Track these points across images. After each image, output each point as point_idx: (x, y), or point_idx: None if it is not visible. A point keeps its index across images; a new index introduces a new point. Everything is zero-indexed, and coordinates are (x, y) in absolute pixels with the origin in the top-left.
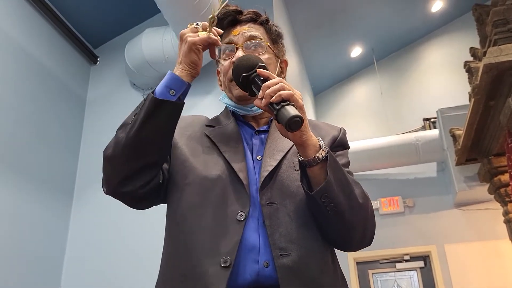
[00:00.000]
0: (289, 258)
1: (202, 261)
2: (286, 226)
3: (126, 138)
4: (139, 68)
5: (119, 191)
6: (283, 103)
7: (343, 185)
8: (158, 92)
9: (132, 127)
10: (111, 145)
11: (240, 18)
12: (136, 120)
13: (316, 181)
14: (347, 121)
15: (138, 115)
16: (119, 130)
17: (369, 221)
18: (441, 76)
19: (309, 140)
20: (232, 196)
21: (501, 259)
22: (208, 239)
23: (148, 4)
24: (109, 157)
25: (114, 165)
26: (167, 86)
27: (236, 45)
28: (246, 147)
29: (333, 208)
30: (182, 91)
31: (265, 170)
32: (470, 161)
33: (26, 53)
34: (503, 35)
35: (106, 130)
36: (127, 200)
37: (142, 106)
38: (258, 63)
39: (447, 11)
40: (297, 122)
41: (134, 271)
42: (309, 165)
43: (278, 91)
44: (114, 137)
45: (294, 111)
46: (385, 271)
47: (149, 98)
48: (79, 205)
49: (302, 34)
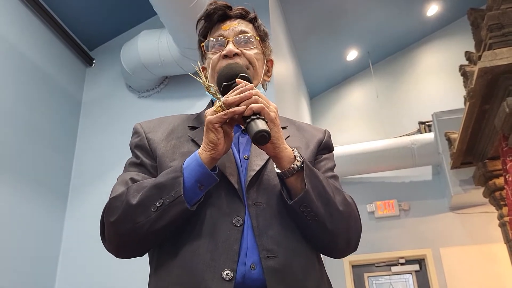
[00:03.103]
0: (276, 260)
1: (204, 275)
2: (273, 227)
3: (149, 229)
4: (135, 70)
5: (134, 256)
6: (253, 116)
7: (321, 193)
8: (188, 187)
9: (157, 222)
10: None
11: (230, 14)
12: (162, 217)
13: (294, 192)
14: (343, 124)
15: (166, 212)
16: (138, 210)
17: (352, 228)
18: (437, 79)
19: (282, 152)
20: (225, 201)
21: (496, 263)
22: (207, 249)
23: (144, 7)
24: (123, 234)
25: (128, 243)
26: (197, 181)
27: (227, 39)
28: (233, 146)
29: (313, 217)
30: (211, 186)
31: (251, 170)
32: (465, 165)
33: (22, 55)
34: (498, 39)
35: (101, 132)
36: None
37: (170, 203)
38: (240, 73)
39: (442, 15)
40: (263, 136)
41: (129, 272)
42: (285, 176)
43: (250, 103)
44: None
45: (262, 126)
46: (380, 275)
47: (180, 202)
48: (74, 206)
49: (298, 37)
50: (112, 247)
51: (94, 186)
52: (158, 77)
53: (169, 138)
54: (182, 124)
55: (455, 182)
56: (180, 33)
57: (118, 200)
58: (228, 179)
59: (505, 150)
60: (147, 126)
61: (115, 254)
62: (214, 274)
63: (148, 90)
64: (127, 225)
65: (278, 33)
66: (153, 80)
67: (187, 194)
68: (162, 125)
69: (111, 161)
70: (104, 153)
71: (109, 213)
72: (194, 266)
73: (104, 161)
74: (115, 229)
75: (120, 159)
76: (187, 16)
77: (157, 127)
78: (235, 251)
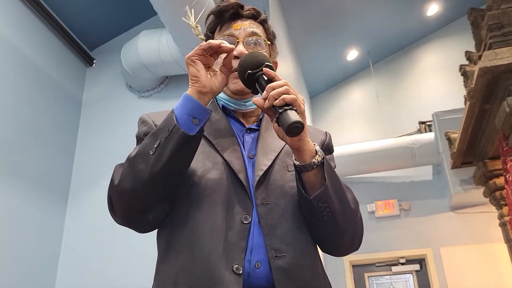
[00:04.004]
0: (284, 260)
1: (217, 264)
2: (281, 226)
3: (151, 172)
4: (135, 70)
5: (138, 222)
6: (285, 107)
7: (338, 190)
8: (182, 122)
9: (157, 161)
10: (126, 177)
11: (241, 13)
12: (162, 154)
13: (310, 186)
14: (343, 124)
15: (164, 148)
16: (137, 160)
17: (358, 226)
18: (437, 79)
19: (305, 145)
20: (233, 198)
21: (496, 262)
22: (219, 240)
23: (144, 6)
24: (128, 190)
25: (134, 198)
26: (189, 115)
27: (237, 39)
28: (240, 144)
29: (328, 213)
30: (206, 120)
31: (259, 169)
32: (465, 165)
33: (22, 55)
34: (498, 39)
35: (101, 132)
36: (144, 228)
37: (167, 138)
38: (265, 62)
39: (442, 15)
40: (297, 128)
41: (129, 272)
42: (304, 170)
43: (282, 94)
44: (129, 167)
45: (295, 117)
46: (381, 274)
47: (176, 131)
48: (74, 206)
49: (298, 37)
50: (120, 212)
51: (94, 186)
52: (159, 77)
53: None
54: None
55: (455, 182)
56: (181, 33)
57: (121, 166)
58: (237, 176)
59: (505, 149)
60: (153, 116)
61: (126, 221)
62: (227, 265)
63: (149, 90)
64: (130, 178)
65: (278, 32)
66: (153, 80)
67: (181, 126)
68: None
69: (111, 160)
70: (104, 152)
71: (113, 178)
72: (206, 256)
73: (105, 160)
74: (120, 189)
75: (121, 158)
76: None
77: (163, 117)
78: (242, 248)
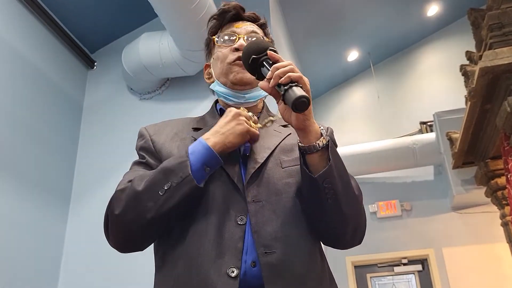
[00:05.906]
0: (273, 256)
1: (209, 271)
2: (271, 223)
3: (158, 211)
4: (136, 72)
5: (137, 249)
6: (291, 83)
7: (342, 173)
8: (195, 170)
9: (166, 202)
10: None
11: (242, 15)
12: (171, 197)
13: (314, 169)
14: (344, 125)
15: (174, 193)
16: (145, 196)
17: (362, 217)
18: (438, 79)
19: (311, 126)
20: (229, 200)
21: (499, 262)
22: (212, 246)
23: (145, 9)
24: (129, 222)
25: (134, 231)
26: (205, 164)
27: (239, 36)
28: None
29: (332, 195)
30: (216, 168)
31: (251, 167)
32: (467, 165)
33: (23, 58)
34: (498, 38)
35: (103, 134)
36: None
37: (179, 184)
38: (269, 46)
39: (442, 15)
40: (303, 102)
41: (131, 275)
42: (309, 152)
43: (287, 72)
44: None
45: (301, 92)
46: (383, 275)
47: (189, 181)
48: (76, 210)
49: (299, 38)
50: (117, 240)
51: (96, 189)
52: (160, 79)
53: (173, 139)
54: (186, 126)
55: (457, 182)
56: (181, 35)
57: (123, 193)
58: (232, 178)
59: (506, 149)
60: (152, 129)
61: (120, 248)
62: (220, 271)
63: (150, 92)
64: (134, 212)
65: (279, 35)
66: (154, 82)
67: (194, 176)
68: (167, 128)
69: (113, 163)
70: (106, 155)
71: (114, 206)
72: (200, 263)
73: (106, 163)
74: (121, 219)
75: (122, 161)
76: (188, 18)
77: (162, 130)
78: (239, 249)
